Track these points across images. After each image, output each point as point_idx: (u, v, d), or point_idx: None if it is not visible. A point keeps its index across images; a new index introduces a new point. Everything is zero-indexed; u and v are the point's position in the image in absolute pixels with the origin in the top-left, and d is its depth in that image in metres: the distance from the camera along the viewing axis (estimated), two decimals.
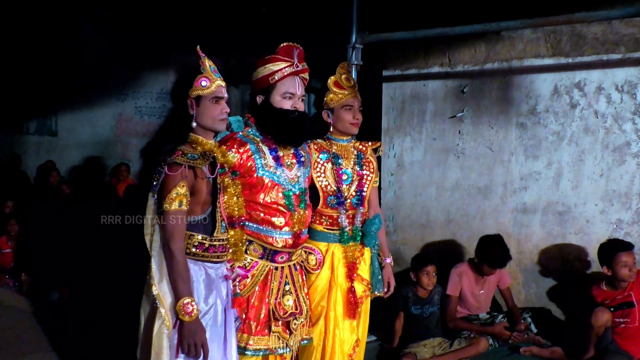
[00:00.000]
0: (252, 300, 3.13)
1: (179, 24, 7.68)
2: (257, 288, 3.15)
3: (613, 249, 4.48)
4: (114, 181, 8.15)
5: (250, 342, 3.11)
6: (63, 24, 9.23)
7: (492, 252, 4.89)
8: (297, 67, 3.17)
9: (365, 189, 3.57)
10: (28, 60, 9.47)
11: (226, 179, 2.90)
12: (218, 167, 2.84)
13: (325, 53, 4.31)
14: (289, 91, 3.14)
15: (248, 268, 3.12)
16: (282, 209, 3.14)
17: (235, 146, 3.11)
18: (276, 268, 3.20)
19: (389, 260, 3.77)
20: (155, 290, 2.68)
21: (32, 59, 9.44)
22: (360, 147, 3.63)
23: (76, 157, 9.32)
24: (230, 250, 2.95)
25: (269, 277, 3.17)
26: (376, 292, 3.63)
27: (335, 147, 3.53)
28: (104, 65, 8.92)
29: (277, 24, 6.65)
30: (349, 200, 3.49)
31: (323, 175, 3.46)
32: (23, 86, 9.65)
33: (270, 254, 3.17)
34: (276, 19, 6.81)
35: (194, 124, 2.80)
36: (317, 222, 3.47)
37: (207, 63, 2.84)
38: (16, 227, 6.46)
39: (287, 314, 3.18)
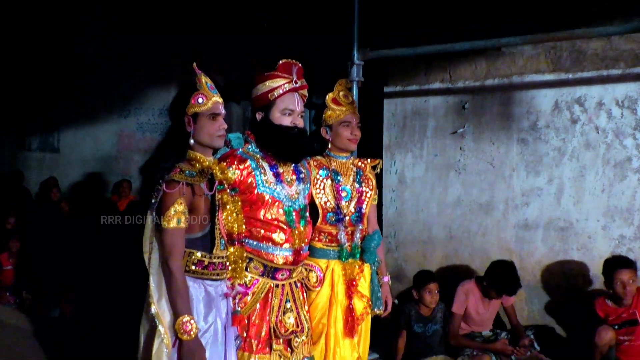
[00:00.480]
0: (252, 319, 3.11)
1: (181, 30, 7.70)
2: (257, 306, 3.13)
3: (611, 266, 4.48)
4: (115, 197, 8.15)
5: None
6: (66, 39, 9.26)
7: (503, 279, 4.80)
8: (296, 83, 3.18)
9: (364, 206, 3.57)
10: (30, 77, 9.50)
11: (225, 196, 2.90)
12: (216, 183, 2.84)
13: (326, 69, 4.32)
14: (289, 107, 3.15)
15: (248, 285, 3.10)
16: (282, 225, 3.14)
17: (235, 162, 3.11)
18: (277, 285, 3.18)
19: (386, 279, 3.76)
20: (154, 308, 2.66)
21: (34, 75, 9.47)
22: (360, 164, 3.64)
23: (78, 174, 9.33)
24: (230, 268, 2.93)
25: (270, 295, 3.16)
26: (375, 310, 3.61)
27: (335, 164, 3.54)
28: (106, 82, 8.94)
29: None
30: (348, 217, 3.48)
31: (322, 192, 3.46)
32: (25, 102, 9.67)
33: (271, 271, 3.15)
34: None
35: (192, 141, 2.80)
36: (317, 239, 3.46)
37: (204, 80, 2.84)
38: (17, 244, 6.44)
39: (288, 332, 3.17)
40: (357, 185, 3.55)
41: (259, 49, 6.75)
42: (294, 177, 3.25)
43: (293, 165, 3.27)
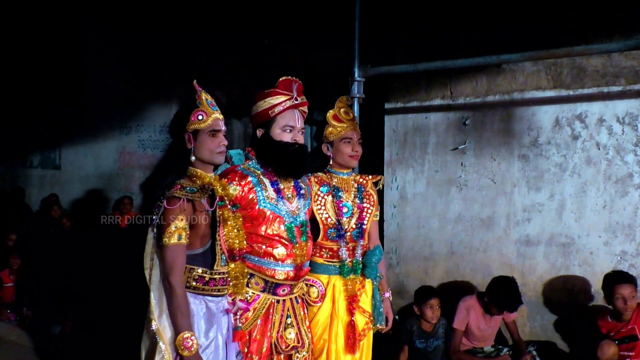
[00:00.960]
0: (254, 334, 3.11)
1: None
2: (259, 321, 3.13)
3: (611, 281, 4.47)
4: (116, 214, 8.15)
5: None
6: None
7: (504, 295, 4.77)
8: (297, 100, 3.20)
9: (365, 222, 3.56)
10: (32, 94, 9.53)
11: (226, 212, 2.90)
12: (217, 199, 2.84)
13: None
14: (289, 124, 3.17)
15: (250, 301, 3.10)
16: (284, 241, 3.14)
17: (236, 179, 3.12)
18: (278, 301, 3.19)
19: (387, 294, 3.75)
20: (154, 325, 2.66)
21: (37, 92, 9.49)
22: (361, 180, 3.64)
23: (79, 190, 9.33)
24: (231, 284, 2.93)
25: (271, 311, 3.16)
26: (377, 325, 3.60)
27: (336, 180, 3.54)
28: (107, 99, 8.96)
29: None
30: (349, 233, 3.48)
31: (323, 207, 3.46)
32: (26, 119, 9.70)
33: (272, 287, 3.15)
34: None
35: (193, 158, 2.82)
36: (318, 254, 3.46)
37: (204, 97, 2.86)
38: (18, 261, 6.44)
39: (289, 348, 3.17)
40: (358, 201, 3.55)
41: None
42: (294, 193, 3.26)
43: (294, 181, 3.29)
